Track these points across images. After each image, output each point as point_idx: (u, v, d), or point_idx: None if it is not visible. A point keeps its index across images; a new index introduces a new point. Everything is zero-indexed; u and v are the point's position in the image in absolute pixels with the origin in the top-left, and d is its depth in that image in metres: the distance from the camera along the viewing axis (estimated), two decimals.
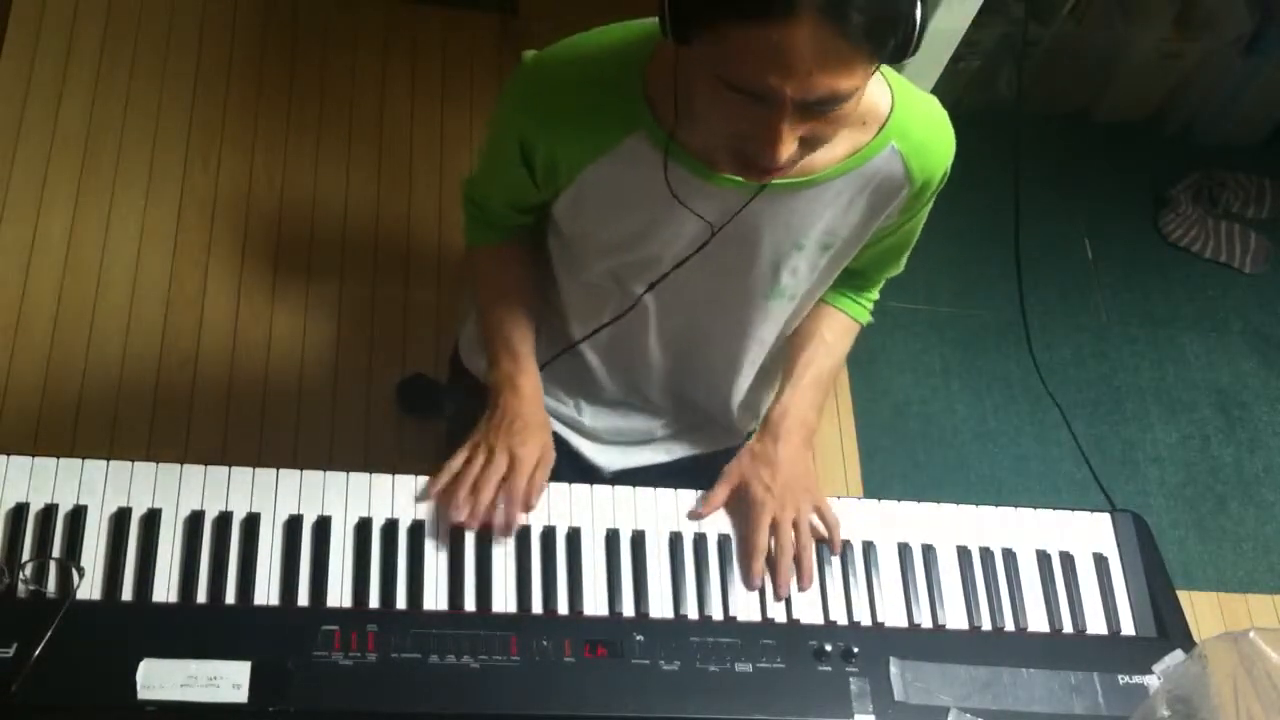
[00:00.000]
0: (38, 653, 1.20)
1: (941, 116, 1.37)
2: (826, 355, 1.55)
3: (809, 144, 1.16)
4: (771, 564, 1.41)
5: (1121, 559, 1.51)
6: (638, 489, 1.45)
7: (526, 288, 1.53)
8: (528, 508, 1.40)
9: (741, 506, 1.45)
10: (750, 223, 1.34)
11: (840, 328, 1.58)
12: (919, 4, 1.06)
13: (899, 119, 1.31)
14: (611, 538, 1.40)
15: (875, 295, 1.61)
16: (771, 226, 1.35)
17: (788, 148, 1.13)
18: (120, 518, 1.31)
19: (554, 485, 1.43)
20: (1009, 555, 1.48)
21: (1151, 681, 1.40)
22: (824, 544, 1.44)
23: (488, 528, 1.38)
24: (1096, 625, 1.47)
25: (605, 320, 1.51)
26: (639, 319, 1.50)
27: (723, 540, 1.43)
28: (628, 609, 1.36)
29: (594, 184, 1.34)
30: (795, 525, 1.42)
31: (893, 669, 1.36)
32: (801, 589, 1.41)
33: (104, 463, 1.34)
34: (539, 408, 1.48)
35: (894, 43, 1.07)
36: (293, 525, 1.34)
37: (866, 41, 1.05)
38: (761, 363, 1.59)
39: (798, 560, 1.42)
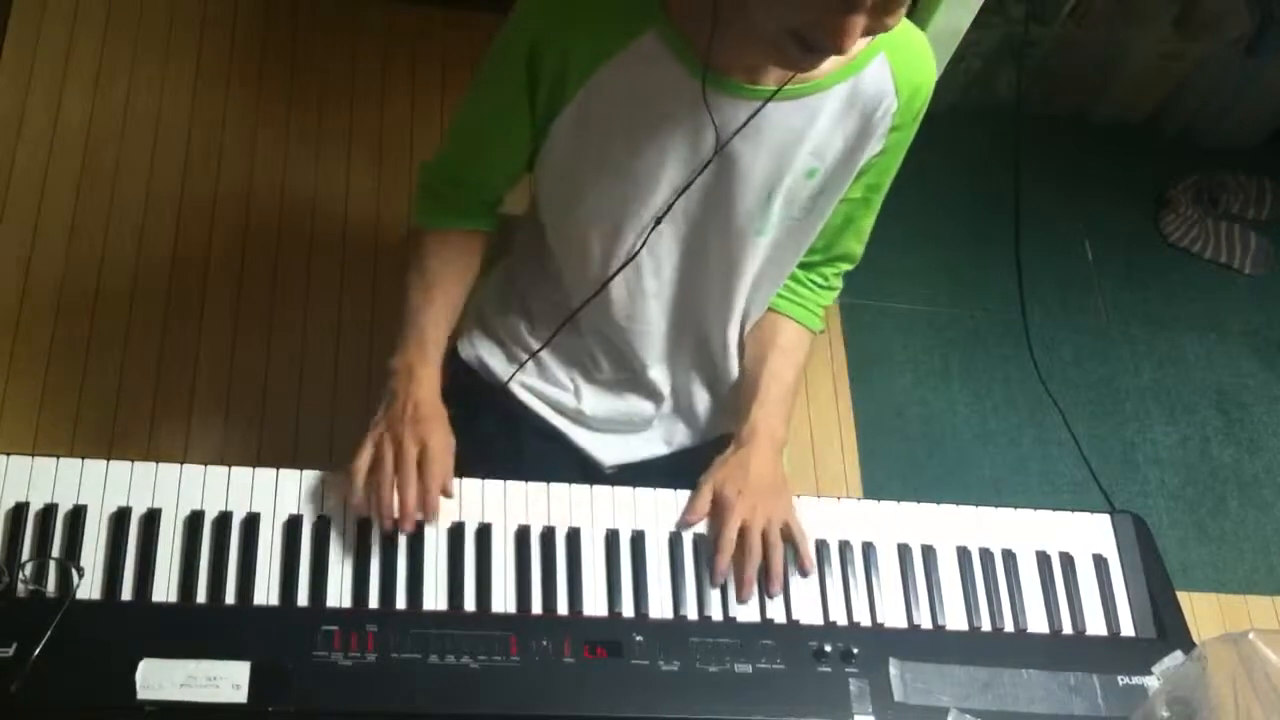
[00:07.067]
0: (38, 653, 1.20)
1: (922, 35, 1.40)
2: (787, 366, 1.57)
3: (867, 35, 1.17)
4: (738, 566, 1.41)
5: (1121, 560, 1.51)
6: (638, 489, 1.45)
7: (461, 282, 1.52)
8: (447, 494, 1.38)
9: (714, 509, 1.44)
10: (748, 142, 1.34)
11: (795, 336, 1.59)
12: None
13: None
14: (611, 538, 1.40)
15: (828, 299, 1.62)
16: (769, 145, 1.35)
17: (855, 36, 1.14)
18: (120, 518, 1.31)
19: (554, 485, 1.43)
20: (1009, 556, 1.48)
21: (1151, 682, 1.40)
22: (794, 556, 1.43)
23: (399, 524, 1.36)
24: (1096, 626, 1.47)
25: (605, 279, 1.49)
26: (634, 276, 1.49)
27: None
28: (627, 609, 1.36)
29: (601, 91, 1.33)
30: (765, 531, 1.42)
31: (892, 670, 1.36)
32: (770, 595, 1.40)
33: (104, 463, 1.34)
34: (438, 399, 1.46)
35: None
36: (293, 525, 1.34)
37: None
38: (753, 318, 1.59)
39: (767, 564, 1.41)
